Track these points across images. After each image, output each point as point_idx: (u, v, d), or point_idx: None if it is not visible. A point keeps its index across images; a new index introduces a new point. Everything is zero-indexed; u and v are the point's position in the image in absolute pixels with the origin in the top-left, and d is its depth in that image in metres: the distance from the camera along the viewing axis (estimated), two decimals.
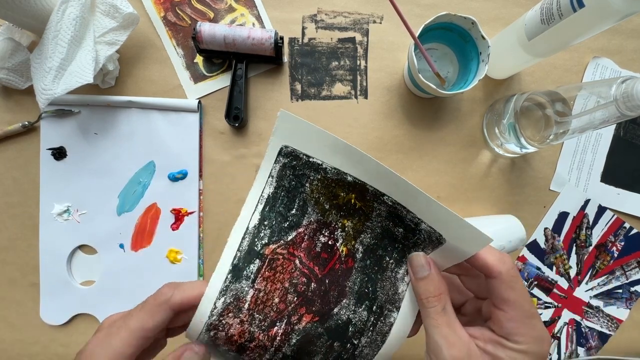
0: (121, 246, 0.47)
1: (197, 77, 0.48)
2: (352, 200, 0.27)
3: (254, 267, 0.26)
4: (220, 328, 0.25)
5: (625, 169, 0.51)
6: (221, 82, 0.48)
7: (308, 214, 0.27)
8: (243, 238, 0.27)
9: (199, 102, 0.47)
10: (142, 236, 0.47)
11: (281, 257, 0.27)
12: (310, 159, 0.26)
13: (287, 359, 0.26)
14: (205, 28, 0.44)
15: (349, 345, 0.27)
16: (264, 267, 0.26)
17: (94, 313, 0.47)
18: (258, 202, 0.27)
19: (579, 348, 0.52)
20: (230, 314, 0.25)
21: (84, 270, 0.48)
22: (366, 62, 0.50)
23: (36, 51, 0.42)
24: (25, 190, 0.47)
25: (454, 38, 0.45)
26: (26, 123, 0.46)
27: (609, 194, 0.51)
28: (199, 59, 0.48)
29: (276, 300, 0.26)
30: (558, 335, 0.52)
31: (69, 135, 0.47)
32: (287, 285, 0.26)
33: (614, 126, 0.51)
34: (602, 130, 0.51)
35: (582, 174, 0.51)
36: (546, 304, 0.51)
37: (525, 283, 0.51)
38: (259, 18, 0.49)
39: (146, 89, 0.48)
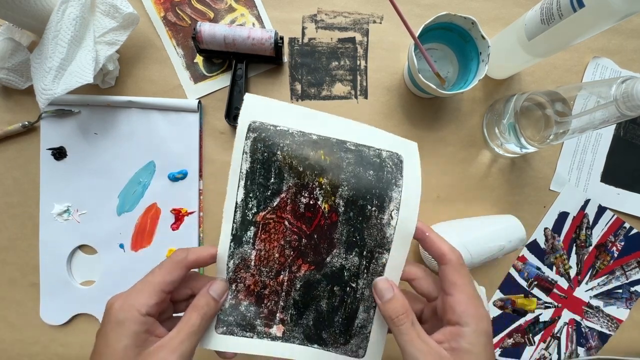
0: (121, 246, 0.47)
1: (197, 77, 0.48)
2: (322, 157, 0.29)
3: (250, 233, 0.30)
4: (239, 280, 0.31)
5: (625, 169, 0.51)
6: (221, 82, 0.48)
7: (286, 180, 0.30)
8: (235, 212, 0.30)
9: (199, 102, 0.47)
10: (142, 236, 0.47)
11: (272, 221, 0.30)
12: (277, 127, 0.29)
13: (297, 303, 0.31)
14: (205, 28, 0.44)
15: (348, 288, 0.31)
16: (259, 231, 0.30)
17: (94, 313, 0.47)
18: (239, 179, 0.30)
19: (579, 348, 0.52)
20: (242, 270, 0.30)
21: (84, 270, 0.48)
22: (366, 62, 0.50)
23: (36, 51, 0.42)
24: (25, 190, 0.47)
25: (454, 38, 0.45)
26: (26, 123, 0.46)
27: (609, 194, 0.51)
28: (199, 59, 0.48)
29: (276, 255, 0.31)
30: (558, 335, 0.52)
31: (69, 135, 0.47)
32: (282, 242, 0.30)
33: (614, 126, 0.51)
34: (602, 130, 0.51)
35: (582, 174, 0.51)
36: (546, 304, 0.51)
37: (526, 283, 0.51)
38: (259, 18, 0.49)
39: (146, 89, 0.48)
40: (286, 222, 0.30)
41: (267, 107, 0.30)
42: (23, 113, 0.47)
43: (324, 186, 0.29)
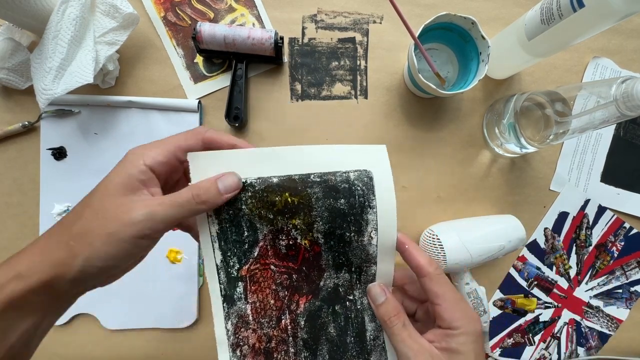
0: None
1: (197, 77, 0.48)
2: (289, 199, 0.28)
3: (240, 289, 0.30)
4: (242, 343, 0.30)
5: (625, 169, 0.51)
6: (221, 82, 0.48)
7: (260, 229, 0.29)
8: (218, 274, 0.30)
9: (199, 102, 0.47)
10: None
11: (257, 270, 0.30)
12: None
13: (307, 342, 0.30)
14: (205, 28, 0.44)
15: (348, 303, 0.31)
16: (248, 284, 0.30)
17: (94, 313, 0.47)
18: (212, 242, 0.29)
19: (579, 348, 0.52)
20: (242, 329, 0.30)
21: None
22: (366, 62, 0.50)
23: (36, 51, 0.42)
24: (25, 190, 0.47)
25: (454, 38, 0.45)
26: (26, 123, 0.46)
27: (608, 194, 0.51)
28: (199, 59, 0.48)
29: (271, 301, 0.30)
30: (558, 335, 0.52)
31: (69, 135, 0.47)
32: (273, 287, 0.30)
33: (614, 126, 0.51)
34: (602, 130, 0.51)
35: (582, 174, 0.51)
36: (546, 304, 0.51)
37: (526, 283, 0.51)
38: (259, 18, 0.49)
39: (146, 89, 0.48)
40: (272, 267, 0.30)
41: (214, 161, 0.28)
42: (23, 113, 0.47)
43: (298, 226, 0.29)
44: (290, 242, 0.29)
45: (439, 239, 0.45)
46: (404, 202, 0.49)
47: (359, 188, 0.29)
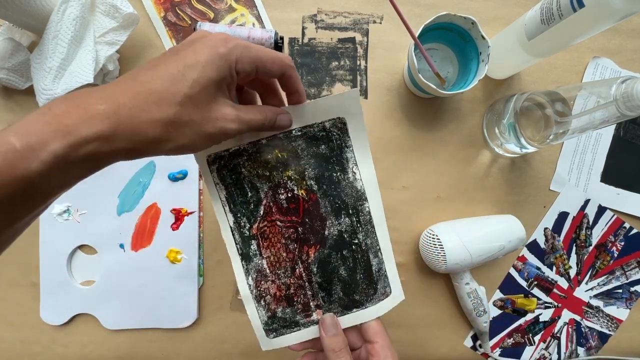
0: (121, 246, 0.47)
1: None
2: (279, 154, 0.32)
3: (254, 246, 0.34)
4: (264, 294, 0.34)
5: (625, 169, 0.51)
6: None
7: (260, 188, 0.33)
8: (233, 235, 0.34)
9: None
10: (142, 236, 0.47)
11: (266, 227, 0.34)
12: (230, 150, 0.32)
13: (322, 284, 0.34)
14: (206, 28, 0.44)
15: (354, 246, 0.34)
16: (260, 241, 0.34)
17: (94, 313, 0.47)
18: (223, 206, 0.33)
19: (579, 348, 0.52)
20: (262, 282, 0.34)
21: (84, 270, 0.48)
22: (366, 62, 0.50)
23: (36, 51, 0.42)
24: None
25: (454, 38, 0.45)
26: None
27: (608, 194, 0.51)
28: None
29: (283, 254, 0.34)
30: (558, 335, 0.52)
31: None
32: (283, 241, 0.34)
33: (613, 126, 0.51)
34: (602, 130, 0.51)
35: (582, 174, 0.51)
36: (546, 304, 0.51)
37: (526, 283, 0.51)
38: (259, 18, 0.49)
39: None
40: (278, 222, 0.34)
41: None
42: (23, 113, 0.47)
43: (292, 177, 0.33)
44: (289, 195, 0.33)
45: (439, 239, 0.45)
46: (404, 202, 0.49)
47: (334, 133, 0.33)
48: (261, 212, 0.33)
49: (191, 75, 0.23)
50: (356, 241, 0.34)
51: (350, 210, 0.34)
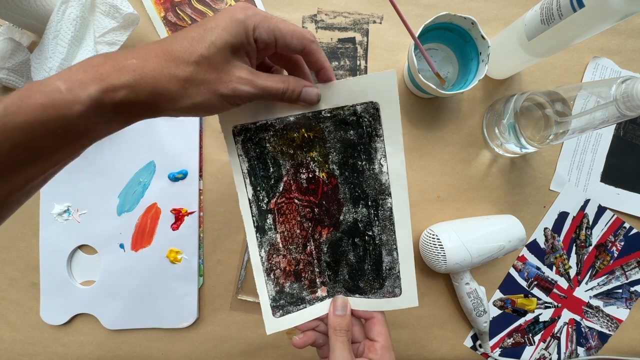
0: (121, 246, 0.47)
1: None
2: (305, 134, 0.32)
3: (270, 221, 0.34)
4: (274, 267, 0.35)
5: (625, 169, 0.51)
6: None
7: (283, 165, 0.33)
8: (250, 207, 0.34)
9: None
10: (143, 236, 0.47)
11: (283, 204, 0.34)
12: (257, 123, 0.32)
13: (330, 264, 0.35)
14: None
15: (367, 237, 0.34)
16: (277, 216, 0.34)
17: (94, 313, 0.47)
18: (244, 178, 0.33)
19: (578, 348, 0.52)
20: (274, 256, 0.34)
21: (84, 270, 0.48)
22: (366, 62, 0.50)
23: (36, 51, 0.42)
24: None
25: (454, 38, 0.45)
26: None
27: (608, 194, 0.51)
28: None
29: (297, 231, 0.34)
30: (558, 335, 0.52)
31: None
32: (298, 218, 0.34)
33: (613, 126, 0.51)
34: (602, 130, 0.51)
35: (582, 174, 0.51)
36: (546, 304, 0.51)
37: (526, 283, 0.51)
38: None
39: None
40: (296, 200, 0.34)
41: (238, 110, 0.30)
42: None
43: (315, 158, 0.33)
44: (310, 175, 0.33)
45: (439, 239, 0.45)
46: None
47: (366, 119, 0.31)
48: (280, 189, 0.33)
49: (209, 38, 0.25)
50: (370, 233, 0.34)
51: (370, 202, 0.33)
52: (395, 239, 0.34)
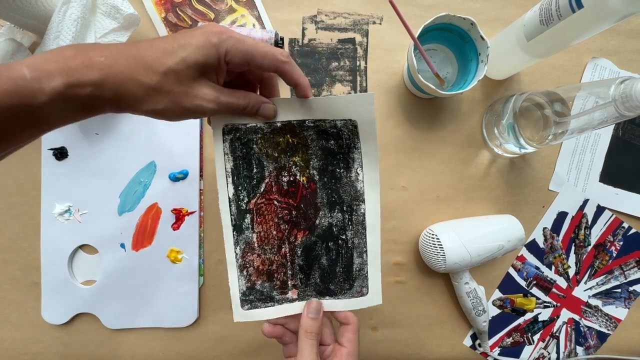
0: (122, 246, 0.47)
1: None
2: (290, 140, 0.34)
3: (248, 220, 0.35)
4: (248, 265, 0.36)
5: (623, 169, 0.51)
6: None
7: (266, 167, 0.34)
8: (230, 205, 0.34)
9: None
10: (143, 236, 0.48)
11: (263, 204, 0.35)
12: (247, 125, 0.33)
13: (302, 267, 0.36)
14: None
15: (340, 241, 0.36)
16: (255, 216, 0.35)
17: (95, 312, 0.47)
18: (226, 177, 0.34)
19: (577, 347, 0.52)
20: (248, 254, 0.35)
21: (85, 270, 0.48)
22: (366, 63, 0.50)
23: (37, 52, 0.42)
24: (26, 190, 0.48)
25: (454, 39, 0.45)
26: None
27: (607, 194, 0.52)
28: None
29: (274, 232, 0.35)
30: (557, 334, 0.52)
31: (71, 136, 0.47)
32: (276, 220, 0.35)
33: (612, 126, 0.52)
34: (601, 131, 0.52)
35: (581, 174, 0.51)
36: (545, 304, 0.52)
37: (525, 282, 0.51)
38: (259, 19, 0.49)
39: None
40: (275, 202, 0.35)
41: None
42: None
43: (298, 163, 0.34)
44: (291, 179, 0.35)
45: (438, 239, 0.45)
46: (404, 202, 0.50)
47: (345, 133, 0.34)
48: (261, 189, 0.34)
49: (181, 54, 0.26)
50: (343, 237, 0.36)
51: (345, 207, 0.35)
52: (366, 242, 0.36)
